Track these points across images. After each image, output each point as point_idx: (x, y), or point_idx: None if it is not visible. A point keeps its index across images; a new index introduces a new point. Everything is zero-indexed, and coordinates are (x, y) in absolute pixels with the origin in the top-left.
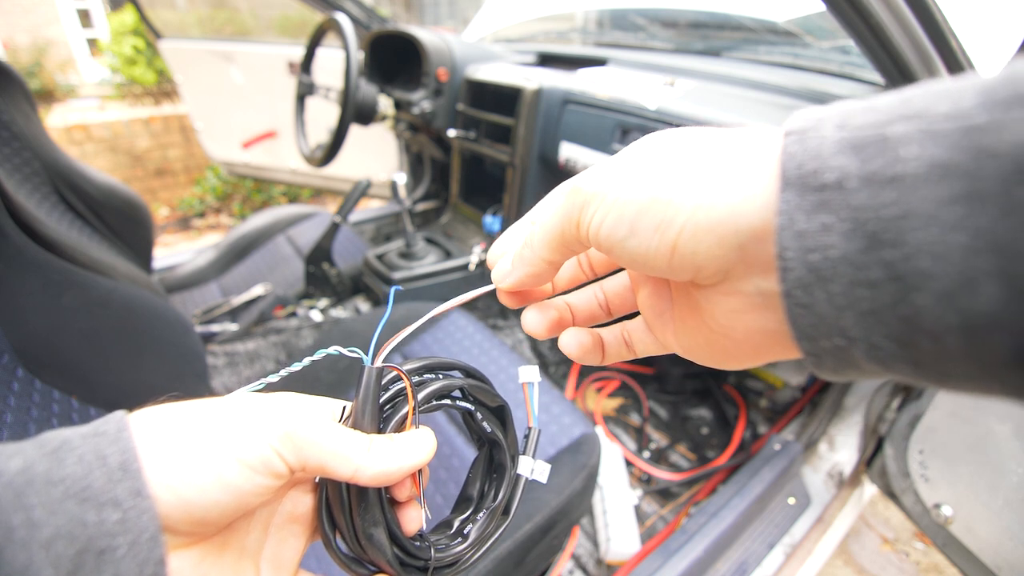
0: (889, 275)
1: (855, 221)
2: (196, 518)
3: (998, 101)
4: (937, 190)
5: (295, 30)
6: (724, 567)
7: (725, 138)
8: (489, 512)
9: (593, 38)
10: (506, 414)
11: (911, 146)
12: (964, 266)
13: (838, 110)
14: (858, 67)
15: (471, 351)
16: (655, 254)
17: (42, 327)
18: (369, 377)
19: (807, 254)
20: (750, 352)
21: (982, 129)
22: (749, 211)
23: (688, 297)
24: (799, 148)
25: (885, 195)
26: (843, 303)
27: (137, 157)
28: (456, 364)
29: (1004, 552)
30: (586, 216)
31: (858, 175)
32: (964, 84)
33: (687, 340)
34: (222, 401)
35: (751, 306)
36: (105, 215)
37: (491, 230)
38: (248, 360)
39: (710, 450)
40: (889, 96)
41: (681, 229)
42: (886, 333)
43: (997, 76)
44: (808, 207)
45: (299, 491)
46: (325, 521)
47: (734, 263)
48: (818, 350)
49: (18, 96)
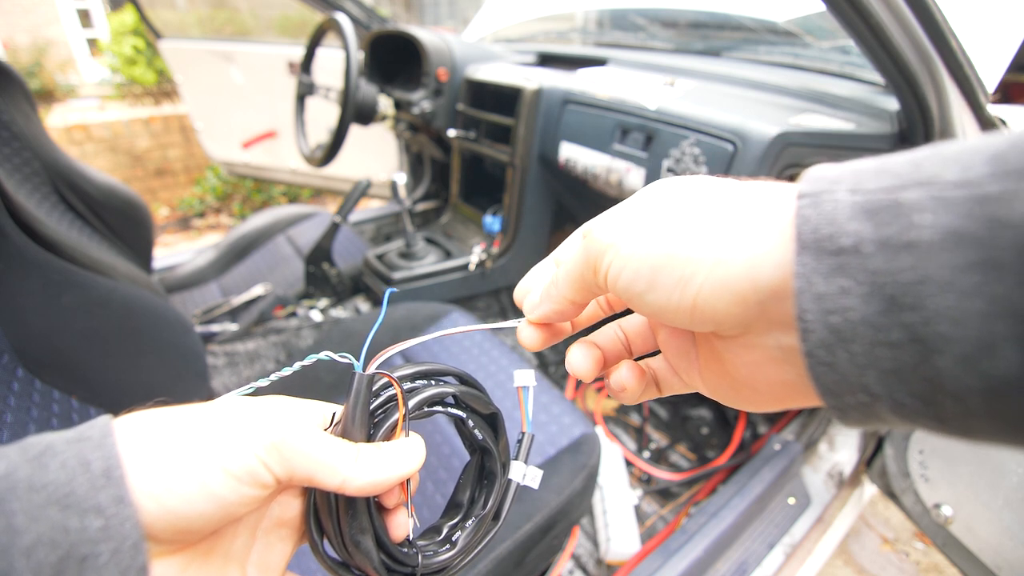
0: (910, 337)
1: (873, 285)
2: (180, 527)
3: (1010, 171)
4: (953, 257)
5: (295, 30)
6: (724, 567)
7: (737, 193)
8: (478, 519)
9: (593, 38)
10: (498, 421)
11: (924, 213)
12: (983, 331)
13: (850, 171)
14: (858, 67)
15: (471, 351)
16: (676, 309)
17: (42, 327)
18: (359, 384)
19: (827, 316)
20: (772, 400)
21: (995, 199)
22: (766, 270)
23: (711, 346)
24: (813, 212)
25: (902, 260)
26: (865, 362)
27: (137, 157)
28: (450, 370)
29: (1004, 552)
30: (602, 265)
31: (873, 240)
32: (973, 148)
33: (712, 383)
34: (209, 407)
35: (772, 360)
36: (105, 215)
37: (491, 230)
38: (248, 360)
39: (710, 450)
40: (900, 158)
41: (700, 287)
42: (909, 391)
43: (1006, 142)
44: (825, 271)
45: (288, 495)
46: (313, 527)
47: (754, 319)
48: (843, 405)
49: (18, 96)
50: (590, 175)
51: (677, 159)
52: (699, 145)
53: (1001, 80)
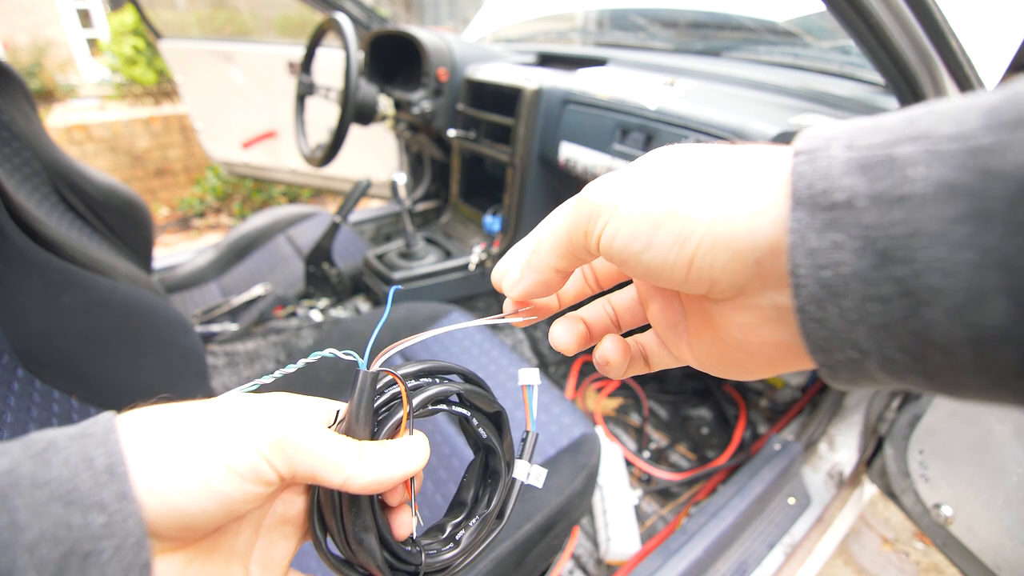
0: (900, 291)
1: (865, 239)
2: (183, 524)
3: (1003, 122)
4: (945, 209)
5: (295, 30)
6: (724, 567)
7: (735, 154)
8: (482, 518)
9: (593, 38)
10: (503, 420)
11: (918, 167)
12: (972, 282)
13: (845, 129)
14: (858, 67)
15: (471, 351)
16: (672, 267)
17: (42, 327)
18: (364, 381)
19: (819, 271)
20: (765, 364)
21: (987, 150)
22: (764, 226)
23: (702, 311)
24: (808, 168)
25: (894, 214)
26: (855, 317)
27: (137, 157)
28: (454, 368)
29: (1004, 552)
30: (596, 226)
31: (867, 194)
32: (968, 104)
33: (702, 353)
34: (213, 404)
35: (766, 320)
36: (105, 215)
37: (491, 230)
38: (248, 360)
39: (710, 450)
40: (895, 116)
41: (699, 243)
42: (898, 346)
43: (1000, 96)
44: (819, 225)
45: (291, 492)
46: (316, 524)
47: (750, 278)
48: (832, 362)
49: (18, 96)
50: (590, 175)
51: None
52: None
53: (1001, 80)
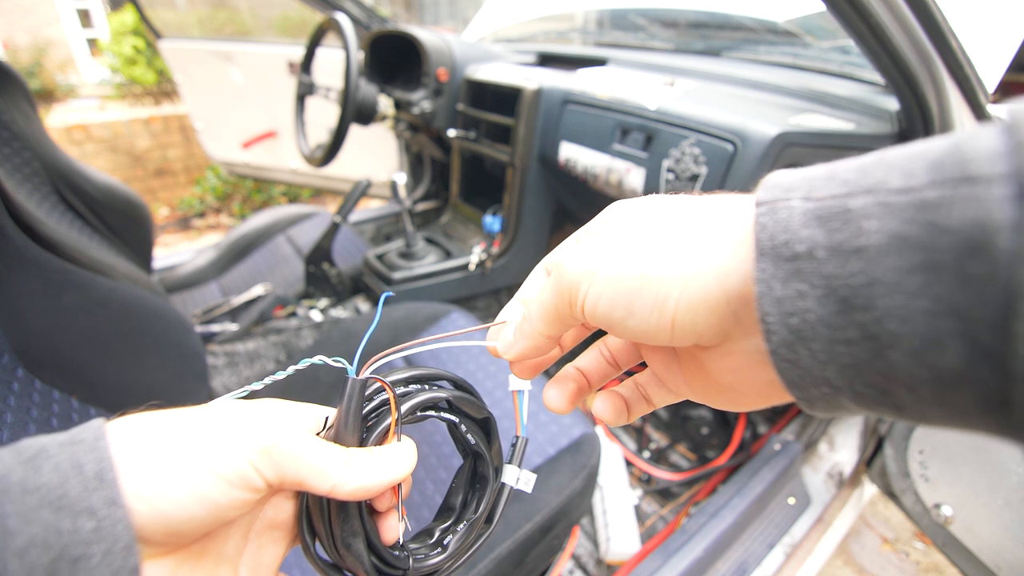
0: (863, 335)
1: (827, 288)
2: (172, 529)
3: (947, 179)
4: (898, 260)
5: (295, 30)
6: (724, 567)
7: (699, 208)
8: (470, 523)
9: (593, 38)
10: (491, 426)
11: (871, 219)
12: (928, 328)
13: (802, 178)
14: (858, 67)
15: (471, 351)
16: (656, 331)
17: (42, 327)
18: (352, 388)
19: (787, 318)
20: (759, 399)
21: (934, 205)
22: (734, 280)
23: (693, 357)
24: (770, 220)
25: (852, 264)
26: (825, 359)
27: (137, 157)
28: (444, 375)
29: (1004, 552)
30: (578, 296)
31: (826, 246)
32: (915, 154)
33: (699, 390)
34: (202, 410)
35: (752, 363)
36: (105, 215)
37: (491, 230)
38: (248, 360)
39: (710, 450)
40: (848, 164)
41: (676, 305)
42: (866, 383)
43: (943, 149)
44: (783, 275)
45: (281, 497)
46: (305, 529)
47: (731, 326)
48: (809, 397)
49: (18, 96)
50: (590, 175)
51: (677, 159)
52: (699, 145)
53: (1001, 80)
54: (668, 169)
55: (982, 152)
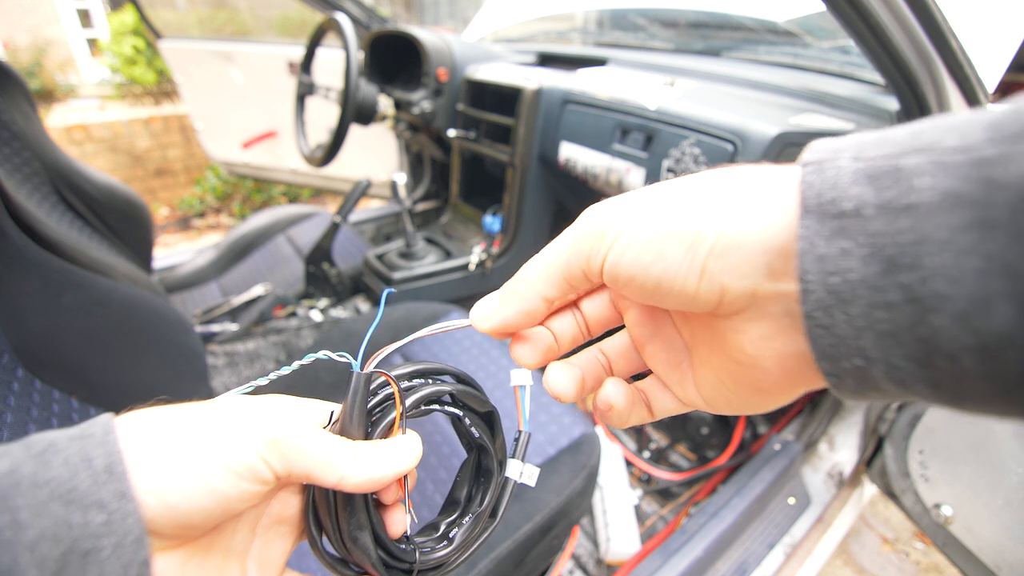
0: (906, 297)
1: (873, 246)
2: (181, 522)
3: (1006, 135)
4: (950, 218)
5: (295, 30)
6: (724, 567)
7: (739, 173)
8: (475, 517)
9: (593, 38)
10: (495, 420)
11: (924, 177)
12: (978, 288)
13: (853, 142)
14: (858, 67)
15: (471, 351)
16: (684, 277)
17: (42, 327)
18: (357, 383)
19: (827, 277)
20: (781, 381)
21: (991, 162)
22: (774, 234)
23: (709, 332)
24: (817, 178)
25: (901, 222)
26: (862, 324)
27: (137, 157)
28: (447, 369)
29: (1004, 552)
30: (602, 246)
31: (874, 203)
32: (972, 118)
33: (712, 385)
34: (210, 405)
35: (779, 329)
36: (105, 215)
37: (491, 230)
38: (248, 360)
39: (710, 450)
40: (900, 129)
41: (711, 249)
42: (904, 354)
43: (1004, 111)
44: (828, 233)
45: (287, 492)
46: (312, 523)
47: (761, 283)
48: (839, 371)
49: (18, 96)
50: (590, 175)
51: (677, 159)
52: (699, 145)
53: (1001, 80)
54: (668, 169)
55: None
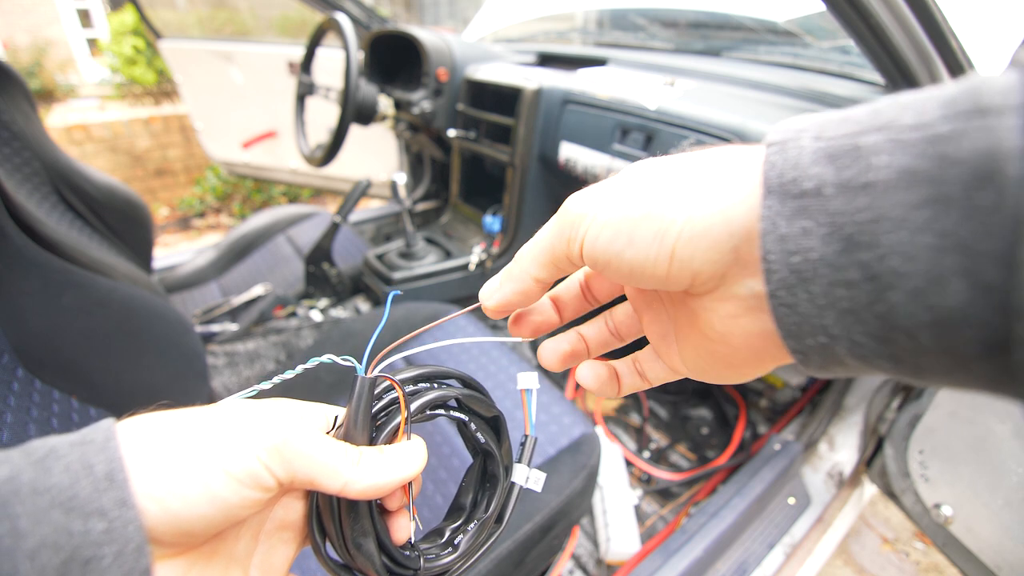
0: (865, 275)
1: (832, 225)
2: (183, 529)
3: (959, 112)
4: (906, 195)
5: (295, 30)
6: (724, 567)
7: (708, 156)
8: (481, 523)
9: (593, 38)
10: (500, 425)
11: (881, 155)
12: (932, 265)
13: (815, 121)
14: (858, 67)
15: (472, 351)
16: (654, 262)
17: (42, 327)
18: (362, 387)
19: (789, 256)
20: (750, 358)
21: (945, 138)
22: (739, 215)
23: (685, 309)
24: (780, 158)
25: (859, 200)
26: (824, 303)
27: (137, 157)
28: (452, 373)
29: (1004, 552)
30: (579, 232)
31: (834, 182)
32: (928, 96)
33: (691, 358)
34: (212, 410)
35: (746, 309)
36: (105, 215)
37: (491, 230)
38: (248, 360)
39: (710, 450)
40: (862, 108)
41: (678, 235)
42: (864, 331)
43: (958, 88)
44: (789, 213)
45: (291, 498)
46: (315, 529)
47: (729, 265)
48: (804, 348)
49: (18, 96)
50: (590, 175)
51: None
52: (699, 145)
53: None
54: None
55: (996, 87)
